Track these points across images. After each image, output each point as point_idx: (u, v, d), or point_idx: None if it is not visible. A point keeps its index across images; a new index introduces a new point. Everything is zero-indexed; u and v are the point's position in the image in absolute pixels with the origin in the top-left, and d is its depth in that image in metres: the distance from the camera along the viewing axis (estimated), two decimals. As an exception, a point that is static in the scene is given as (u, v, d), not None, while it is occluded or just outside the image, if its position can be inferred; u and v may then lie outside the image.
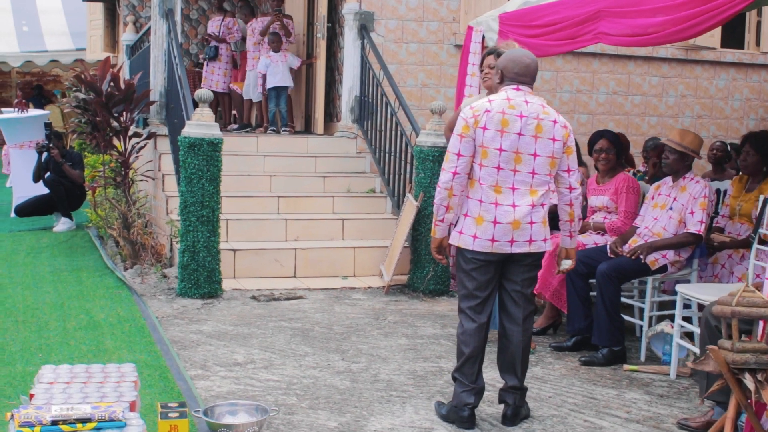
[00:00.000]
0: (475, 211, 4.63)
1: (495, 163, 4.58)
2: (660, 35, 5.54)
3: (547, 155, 4.63)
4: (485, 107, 4.62)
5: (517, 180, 4.60)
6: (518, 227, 4.59)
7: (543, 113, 4.65)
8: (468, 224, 4.66)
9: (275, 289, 7.81)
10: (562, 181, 4.74)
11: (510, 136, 4.57)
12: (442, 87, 10.41)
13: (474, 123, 4.60)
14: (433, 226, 4.81)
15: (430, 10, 10.31)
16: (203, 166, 7.28)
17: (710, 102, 11.60)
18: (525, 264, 4.73)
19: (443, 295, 8.00)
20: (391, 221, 9.07)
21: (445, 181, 4.63)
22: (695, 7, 5.22)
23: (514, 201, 4.60)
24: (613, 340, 6.07)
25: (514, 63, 4.73)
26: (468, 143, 4.60)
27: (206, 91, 7.44)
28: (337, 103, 10.84)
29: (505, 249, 4.62)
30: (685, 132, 6.33)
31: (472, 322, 4.73)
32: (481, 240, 4.62)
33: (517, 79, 4.71)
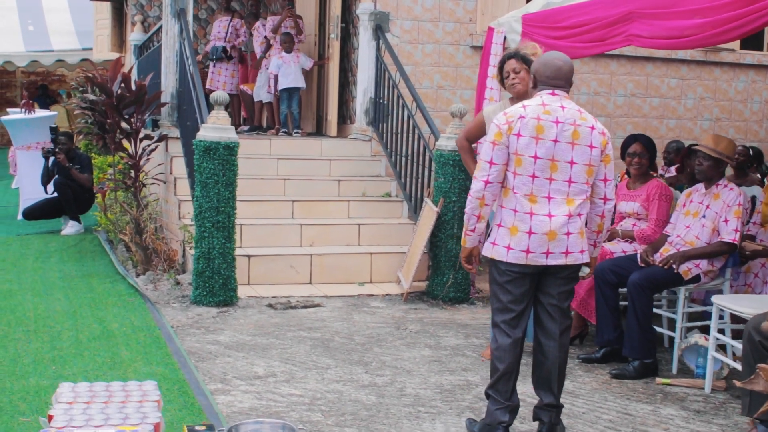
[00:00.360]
0: (509, 221, 4.44)
1: (530, 171, 4.39)
2: (698, 38, 5.34)
3: (584, 163, 4.44)
4: (519, 113, 4.43)
5: (553, 189, 4.41)
6: (554, 238, 4.40)
7: (580, 119, 4.46)
8: (501, 235, 4.48)
9: (291, 296, 7.62)
10: (597, 190, 4.55)
11: (545, 143, 4.38)
12: (458, 89, 10.21)
13: (507, 130, 4.41)
14: (464, 235, 4.64)
15: (446, 10, 10.11)
16: (219, 170, 7.09)
17: (729, 104, 11.39)
18: (561, 276, 4.53)
19: (463, 303, 7.80)
20: (407, 226, 8.88)
21: (477, 190, 4.45)
22: (738, 9, 5.01)
23: (550, 210, 4.41)
24: (645, 352, 5.87)
25: (545, 66, 4.55)
26: (501, 151, 4.42)
27: (222, 93, 7.25)
28: (351, 105, 10.64)
29: (541, 261, 4.43)
30: (719, 137, 6.13)
31: (507, 337, 4.53)
32: (515, 251, 4.43)
33: (549, 82, 4.53)
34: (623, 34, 6.08)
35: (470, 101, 10.12)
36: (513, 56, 5.92)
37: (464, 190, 7.72)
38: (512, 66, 5.91)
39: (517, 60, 5.89)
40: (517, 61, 5.90)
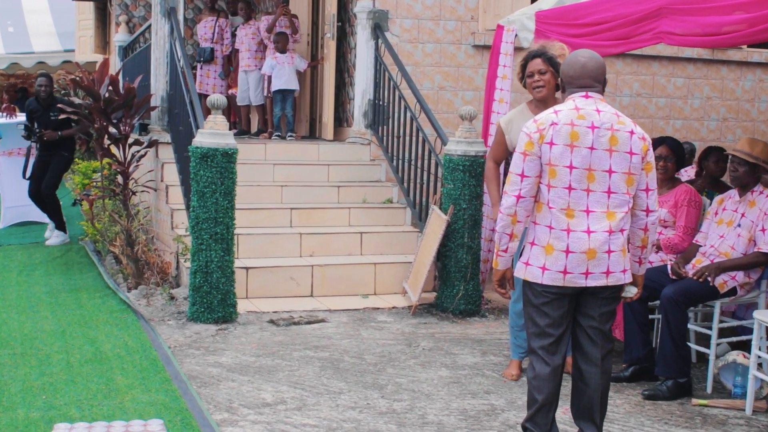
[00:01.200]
0: (544, 239, 4.05)
1: (565, 182, 3.99)
2: (740, 35, 4.96)
3: (624, 171, 4.04)
4: (551, 119, 4.04)
5: (591, 201, 4.01)
6: (594, 257, 4.00)
7: (618, 123, 4.06)
8: (535, 254, 4.08)
9: (293, 310, 7.19)
10: (639, 201, 4.14)
11: (581, 150, 3.99)
12: (459, 90, 9.81)
13: (539, 138, 4.02)
14: (495, 257, 4.24)
15: (447, 8, 9.70)
16: (217, 178, 6.65)
17: (736, 104, 11.04)
18: (603, 297, 4.13)
19: (474, 316, 7.39)
20: (411, 234, 8.47)
21: (508, 206, 4.06)
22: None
23: (588, 226, 4.01)
24: (680, 371, 5.49)
25: (569, 66, 4.18)
26: (533, 162, 4.03)
27: (220, 97, 6.81)
28: (347, 107, 10.22)
29: (579, 282, 4.03)
30: (754, 141, 5.75)
31: (545, 365, 4.13)
32: (551, 272, 4.03)
33: (576, 83, 4.14)
34: (652, 32, 5.70)
35: (472, 102, 9.74)
36: (539, 55, 5.53)
37: (475, 197, 7.33)
38: (537, 66, 5.52)
39: (544, 60, 5.51)
40: (544, 62, 5.51)
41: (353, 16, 9.82)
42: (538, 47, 5.59)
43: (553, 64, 5.50)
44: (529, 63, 5.57)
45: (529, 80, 5.60)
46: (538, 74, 5.53)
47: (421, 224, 8.34)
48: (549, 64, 5.51)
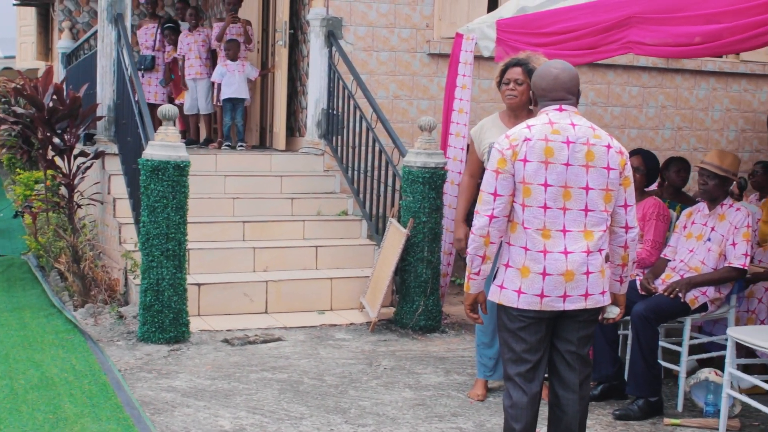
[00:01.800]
0: (519, 261, 3.84)
1: (540, 201, 3.80)
2: (714, 45, 4.82)
3: (601, 187, 3.85)
4: (524, 135, 3.83)
5: (568, 220, 3.82)
6: (572, 279, 3.81)
7: (594, 137, 3.87)
8: (510, 277, 3.87)
9: (248, 329, 6.93)
10: (617, 218, 3.95)
11: (556, 167, 3.79)
12: (414, 99, 9.62)
13: (512, 155, 3.81)
14: (467, 280, 4.00)
15: (401, 16, 9.52)
16: (168, 192, 6.38)
17: (690, 113, 11.01)
18: (581, 320, 3.94)
19: (435, 332, 7.19)
20: (368, 247, 8.25)
21: (481, 226, 3.84)
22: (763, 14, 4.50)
23: (565, 247, 3.81)
24: (651, 389, 5.34)
25: (541, 78, 3.98)
26: (506, 180, 3.82)
27: (171, 107, 6.53)
28: (300, 117, 9.98)
29: (557, 306, 3.83)
30: (723, 153, 5.63)
31: (522, 393, 3.92)
32: (527, 296, 3.83)
33: (549, 96, 3.94)
34: (620, 41, 5.55)
35: (427, 112, 9.57)
36: (521, 65, 5.35)
37: (435, 210, 7.14)
38: (516, 75, 5.35)
39: (524, 71, 5.34)
40: (523, 72, 5.34)
41: (306, 24, 9.59)
42: (524, 56, 5.41)
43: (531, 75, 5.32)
44: (509, 70, 5.40)
45: (504, 87, 5.43)
46: (514, 83, 5.36)
47: (378, 237, 8.14)
48: (528, 75, 5.33)
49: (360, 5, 9.33)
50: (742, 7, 4.61)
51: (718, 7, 4.79)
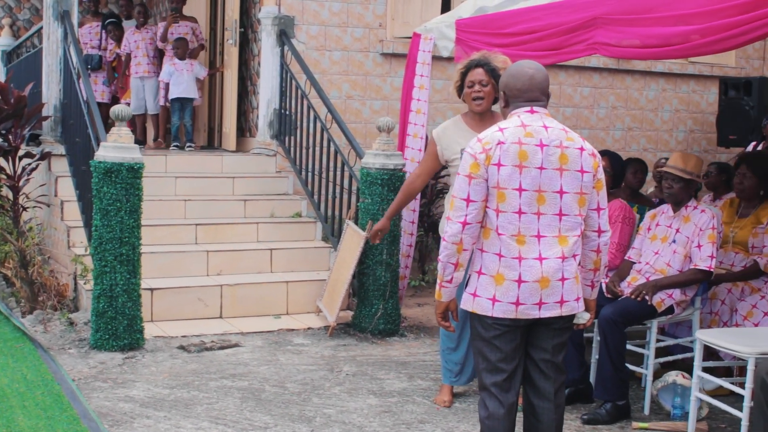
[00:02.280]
0: (493, 268, 3.73)
1: (515, 206, 3.69)
2: (684, 47, 4.78)
3: (575, 191, 3.76)
4: (497, 138, 3.72)
5: (542, 225, 3.72)
6: (547, 286, 3.72)
7: (567, 140, 3.78)
8: (484, 285, 3.76)
9: (204, 334, 6.76)
10: (590, 222, 3.87)
11: (530, 171, 3.69)
12: (367, 99, 9.51)
13: (485, 160, 3.70)
14: (438, 288, 3.88)
15: (354, 15, 9.40)
16: (122, 195, 6.18)
17: (640, 114, 11.06)
18: (555, 328, 3.85)
19: (394, 336, 7.09)
20: (323, 250, 8.12)
21: (453, 233, 3.72)
22: (734, 16, 4.46)
23: (540, 253, 3.71)
24: (619, 393, 5.30)
25: (514, 78, 3.86)
26: (479, 185, 3.70)
27: (125, 107, 6.33)
28: (250, 117, 9.80)
29: (533, 314, 3.74)
30: (687, 156, 5.62)
31: (498, 404, 3.81)
32: (502, 304, 3.72)
33: (523, 96, 3.83)
34: (585, 42, 5.50)
35: (380, 112, 9.47)
36: (483, 65, 5.26)
37: (394, 212, 7.02)
38: (479, 76, 5.26)
39: (486, 71, 5.25)
40: (486, 72, 5.25)
41: (256, 22, 9.43)
42: (481, 56, 5.32)
43: (495, 76, 5.25)
44: (471, 72, 5.31)
45: (467, 90, 5.33)
46: (479, 85, 5.27)
47: (334, 239, 8.01)
48: (491, 75, 5.25)
49: (312, 4, 9.19)
50: (714, 9, 4.58)
51: (689, 9, 4.75)
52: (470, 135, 5.34)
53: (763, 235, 6.02)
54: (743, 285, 5.97)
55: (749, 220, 6.12)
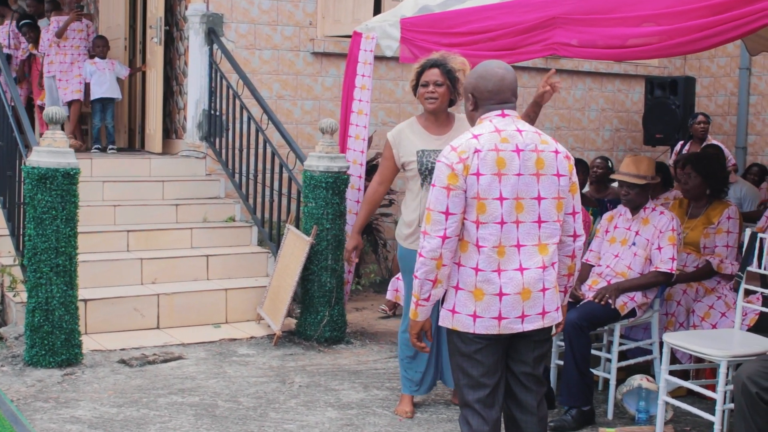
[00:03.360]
0: (470, 282, 3.55)
1: (497, 217, 3.51)
2: (651, 48, 4.70)
3: (553, 196, 3.61)
4: (473, 146, 3.52)
5: (522, 234, 3.56)
6: (529, 297, 3.56)
7: (541, 143, 3.62)
8: (462, 300, 3.58)
9: (143, 347, 6.46)
10: (566, 227, 3.72)
11: (509, 179, 3.52)
12: (298, 99, 9.28)
13: (463, 169, 3.50)
14: (414, 307, 3.65)
15: (284, 13, 9.16)
16: (58, 203, 5.84)
17: (568, 113, 11.09)
18: (536, 340, 3.69)
19: (340, 343, 6.89)
20: (260, 255, 7.87)
21: (432, 248, 3.51)
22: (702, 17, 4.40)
23: (521, 263, 3.55)
24: (584, 398, 5.22)
25: (484, 79, 3.66)
26: (458, 197, 3.51)
27: (59, 110, 5.98)
28: (176, 118, 9.47)
29: (516, 327, 3.58)
30: (638, 159, 5.58)
31: (482, 421, 3.63)
32: (484, 320, 3.55)
33: (495, 99, 3.65)
34: (543, 42, 5.40)
35: (312, 112, 9.28)
36: (439, 65, 5.11)
37: (338, 216, 6.85)
38: (435, 77, 5.11)
39: (443, 72, 5.10)
40: (442, 73, 5.10)
41: (182, 20, 9.11)
42: (438, 57, 5.16)
43: (451, 77, 5.11)
44: (426, 71, 5.15)
45: (422, 89, 5.17)
46: (433, 85, 5.12)
47: (272, 244, 7.78)
48: (447, 76, 5.11)
49: (241, 1, 8.92)
50: (683, 10, 4.51)
51: (655, 9, 4.68)
52: (426, 136, 5.21)
53: (715, 236, 6.02)
54: (697, 286, 5.97)
55: (700, 221, 6.12)
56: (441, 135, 5.21)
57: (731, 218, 6.04)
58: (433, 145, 5.18)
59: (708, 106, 11.34)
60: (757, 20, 4.15)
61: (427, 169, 5.09)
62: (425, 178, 5.11)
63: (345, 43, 9.18)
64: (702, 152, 6.56)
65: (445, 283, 3.60)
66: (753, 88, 11.06)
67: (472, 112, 3.73)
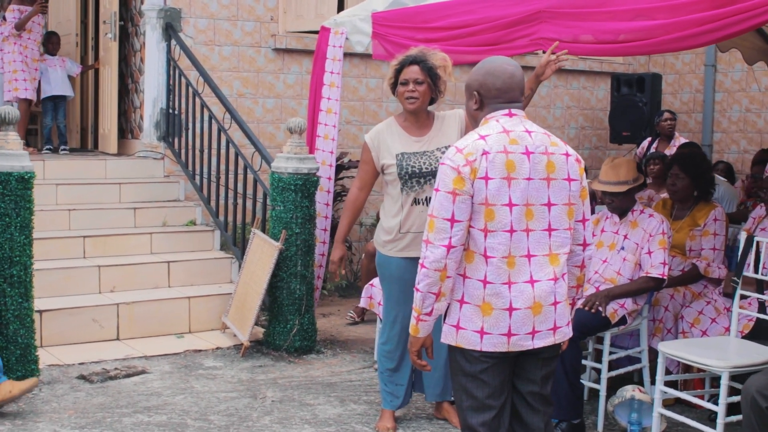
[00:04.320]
0: (477, 296, 3.28)
1: (506, 224, 3.25)
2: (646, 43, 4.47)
3: (564, 202, 3.35)
4: (481, 147, 3.25)
5: (532, 243, 3.29)
6: (540, 312, 3.30)
7: (551, 145, 3.37)
8: (468, 315, 3.30)
9: (104, 360, 6.10)
10: (576, 235, 3.46)
11: (519, 183, 3.26)
12: (260, 97, 8.95)
13: (470, 173, 3.23)
14: (415, 322, 3.36)
15: (244, 7, 8.81)
16: (11, 209, 5.46)
17: (533, 110, 10.85)
18: (545, 357, 3.44)
19: (311, 353, 6.58)
20: (224, 261, 7.54)
21: (436, 259, 3.22)
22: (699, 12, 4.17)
23: (531, 275, 3.28)
24: (575, 412, 4.99)
25: (492, 76, 3.39)
26: (465, 203, 3.23)
27: (13, 110, 5.59)
28: (132, 117, 9.09)
29: (526, 344, 3.31)
30: (616, 164, 5.35)
31: None
32: (492, 336, 3.27)
33: (503, 98, 3.37)
34: (529, 37, 5.15)
35: (274, 111, 8.97)
36: (419, 62, 4.82)
37: (308, 220, 6.54)
38: (415, 75, 4.82)
39: (422, 69, 4.82)
40: (422, 71, 4.82)
41: (138, 15, 8.73)
42: (418, 53, 4.88)
43: (432, 75, 4.84)
44: (405, 69, 4.86)
45: (401, 88, 4.88)
46: (414, 84, 4.83)
47: (237, 249, 7.46)
48: (428, 74, 4.83)
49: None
50: (682, 2, 4.28)
51: (651, 2, 4.45)
52: (406, 138, 4.93)
53: (701, 238, 5.83)
54: (684, 290, 5.77)
55: (685, 222, 5.92)
56: (421, 137, 4.94)
57: (718, 220, 5.85)
58: (413, 147, 4.91)
59: (673, 103, 11.22)
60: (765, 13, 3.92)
61: (407, 174, 4.82)
62: (405, 183, 4.84)
63: (308, 39, 8.93)
64: (689, 152, 6.36)
65: (449, 297, 3.33)
66: (718, 85, 10.95)
67: (476, 111, 3.46)
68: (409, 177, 4.81)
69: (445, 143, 4.88)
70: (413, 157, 4.84)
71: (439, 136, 4.96)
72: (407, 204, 4.86)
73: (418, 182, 4.81)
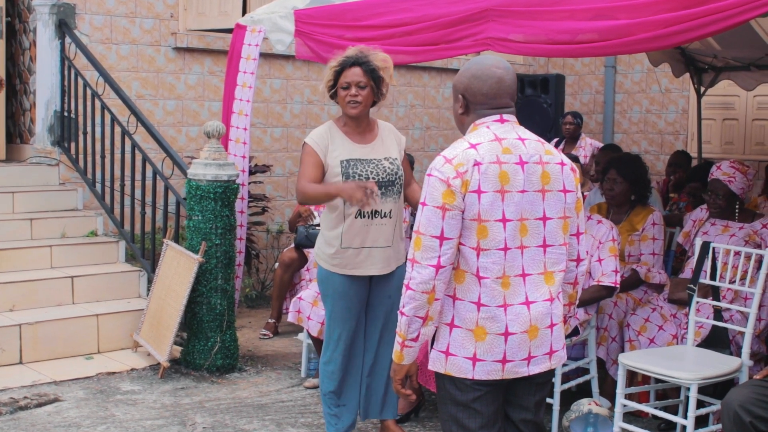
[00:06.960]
0: (470, 319, 3.01)
1: (500, 242, 2.99)
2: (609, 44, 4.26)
3: (559, 215, 3.11)
4: (472, 158, 2.97)
5: (526, 261, 3.04)
6: (536, 335, 3.06)
7: (546, 153, 3.11)
8: (459, 340, 3.03)
9: (9, 388, 5.58)
10: (570, 250, 3.22)
11: (513, 196, 3.00)
12: (160, 98, 8.46)
13: (461, 186, 2.95)
14: (399, 348, 3.08)
15: (143, 4, 8.31)
16: None
17: (438, 112, 10.68)
18: (539, 382, 3.20)
19: (233, 371, 6.19)
20: (131, 274, 7.05)
21: (424, 280, 2.95)
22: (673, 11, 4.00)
23: (527, 296, 3.04)
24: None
25: (479, 80, 3.10)
26: (455, 218, 2.96)
27: None
28: (21, 120, 8.46)
29: (521, 371, 3.07)
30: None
31: None
32: (485, 363, 3.02)
33: (492, 103, 3.10)
34: (474, 37, 4.90)
35: (175, 113, 8.52)
36: (361, 64, 4.51)
37: (229, 230, 6.16)
38: (357, 77, 4.51)
39: (365, 71, 4.51)
40: (365, 73, 4.51)
41: (26, 11, 8.13)
42: (358, 53, 4.56)
43: (375, 77, 4.54)
44: (346, 71, 4.54)
45: (342, 92, 4.56)
46: (356, 87, 4.53)
47: (145, 261, 7.00)
48: (370, 76, 4.53)
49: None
50: (647, 2, 4.10)
51: (612, 1, 4.25)
52: (349, 145, 4.61)
53: (640, 243, 5.71)
54: (626, 297, 5.63)
55: (623, 227, 5.78)
56: (366, 144, 4.64)
57: (656, 224, 5.75)
58: (356, 153, 4.60)
59: (573, 104, 11.20)
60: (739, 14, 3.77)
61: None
62: (348, 193, 4.50)
63: (210, 37, 8.54)
64: (626, 156, 6.22)
65: (437, 320, 3.04)
66: (618, 86, 11.00)
67: (462, 115, 3.17)
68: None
69: (393, 154, 4.61)
70: (359, 164, 4.54)
71: (385, 145, 4.68)
72: (349, 216, 4.54)
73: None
